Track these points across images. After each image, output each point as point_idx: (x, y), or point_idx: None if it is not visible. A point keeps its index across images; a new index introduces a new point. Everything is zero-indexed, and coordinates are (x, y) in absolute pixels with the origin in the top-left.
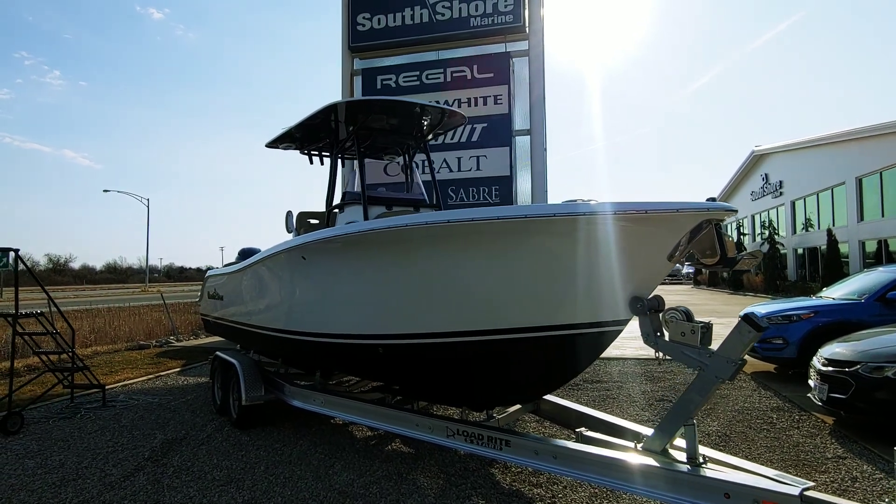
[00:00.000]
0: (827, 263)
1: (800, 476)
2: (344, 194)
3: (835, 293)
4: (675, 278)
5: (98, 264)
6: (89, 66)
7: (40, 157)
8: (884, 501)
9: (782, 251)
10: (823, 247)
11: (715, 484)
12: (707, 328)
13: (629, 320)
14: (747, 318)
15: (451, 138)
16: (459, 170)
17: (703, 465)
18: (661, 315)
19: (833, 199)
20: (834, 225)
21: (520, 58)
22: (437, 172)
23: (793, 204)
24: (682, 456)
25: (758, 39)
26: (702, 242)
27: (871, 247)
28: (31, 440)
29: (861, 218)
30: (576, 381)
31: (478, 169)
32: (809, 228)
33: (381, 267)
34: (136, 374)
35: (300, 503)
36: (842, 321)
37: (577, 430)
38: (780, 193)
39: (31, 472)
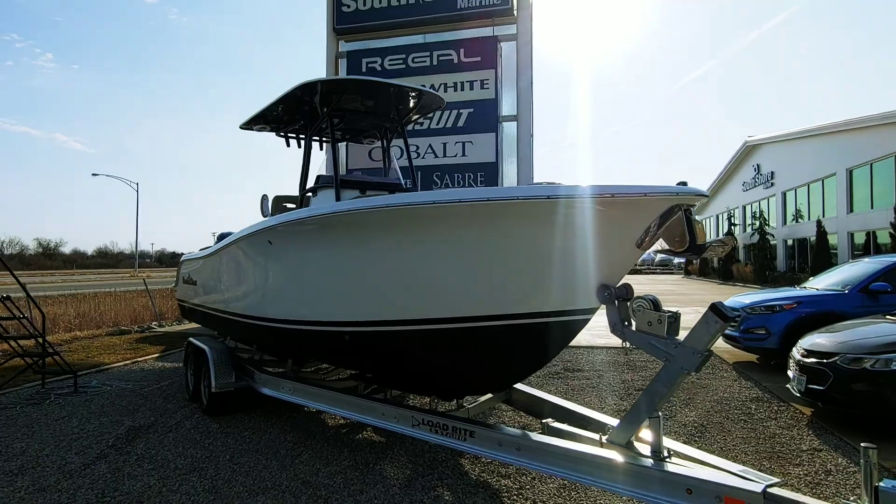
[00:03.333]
0: (816, 254)
1: (774, 469)
2: (318, 178)
3: (819, 284)
4: (666, 268)
5: (90, 249)
6: (82, 50)
7: (31, 141)
8: (849, 501)
9: (772, 242)
10: (813, 238)
11: (677, 479)
12: (674, 318)
13: (597, 309)
14: (714, 308)
15: (437, 123)
16: (445, 155)
17: (667, 460)
18: (628, 304)
19: (823, 191)
20: (824, 216)
21: (508, 42)
22: (422, 158)
23: (784, 195)
24: (647, 449)
25: (753, 32)
26: (672, 229)
27: (860, 238)
28: None
29: (851, 209)
30: (556, 369)
31: (463, 155)
32: (800, 219)
33: (343, 252)
34: (113, 359)
35: (261, 492)
36: (825, 312)
37: (544, 420)
38: (772, 184)
39: None
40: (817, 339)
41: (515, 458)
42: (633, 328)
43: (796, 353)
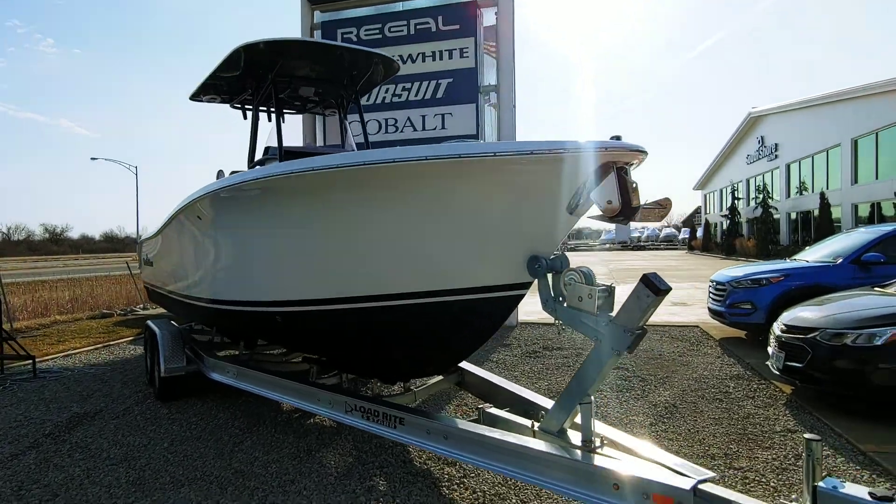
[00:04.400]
0: (818, 228)
1: (742, 452)
2: (266, 149)
3: (810, 256)
4: (670, 244)
5: (97, 234)
6: (83, 34)
7: (36, 127)
8: (790, 500)
9: (775, 216)
10: (816, 211)
11: (604, 474)
12: (608, 292)
13: (531, 283)
14: (645, 280)
15: (416, 95)
16: (424, 128)
17: (598, 451)
18: (561, 277)
19: (828, 162)
20: (828, 188)
21: (488, 7)
22: (401, 131)
23: (787, 167)
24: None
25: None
26: (605, 191)
27: (864, 210)
28: None
29: (855, 180)
30: (534, 348)
31: (443, 127)
32: (804, 192)
33: (263, 229)
34: (84, 343)
35: (187, 483)
36: (814, 285)
37: (480, 406)
38: (776, 156)
39: None
40: (800, 314)
41: (443, 448)
42: (566, 304)
43: (776, 328)
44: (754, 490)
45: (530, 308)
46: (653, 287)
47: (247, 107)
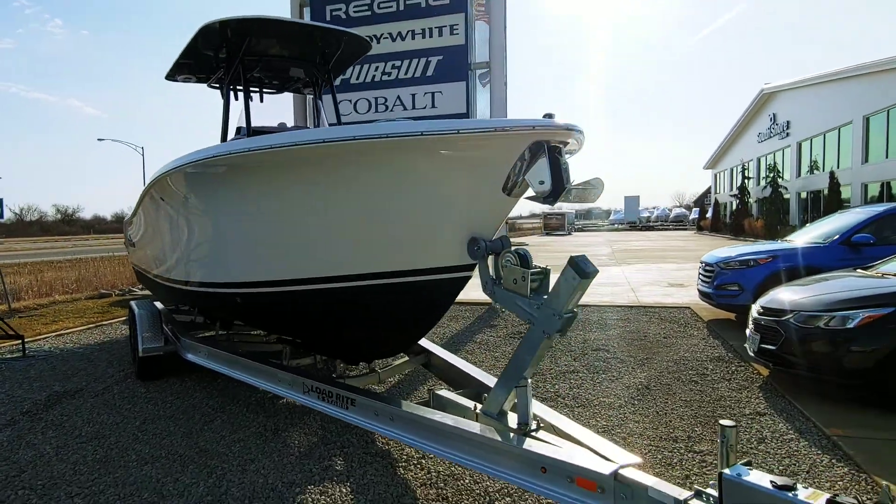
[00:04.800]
0: (827, 207)
1: (705, 435)
2: (237, 129)
3: (802, 237)
4: (680, 224)
5: (109, 214)
6: (90, 15)
7: (46, 107)
8: (706, 487)
9: (785, 196)
10: (827, 191)
11: (533, 456)
12: (542, 274)
13: (474, 265)
14: (572, 262)
15: (406, 73)
16: (414, 107)
17: (532, 434)
18: (499, 259)
19: (839, 140)
20: (838, 167)
21: None
22: (391, 110)
23: (799, 145)
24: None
25: None
26: (537, 171)
27: (874, 190)
28: None
29: (866, 159)
30: (520, 329)
31: (433, 106)
32: (815, 171)
33: (216, 208)
34: (77, 323)
35: (151, 462)
36: (802, 266)
37: (430, 388)
38: (787, 134)
39: None
40: (776, 295)
41: (389, 429)
42: (504, 287)
43: (753, 309)
44: (709, 474)
45: None
46: (579, 270)
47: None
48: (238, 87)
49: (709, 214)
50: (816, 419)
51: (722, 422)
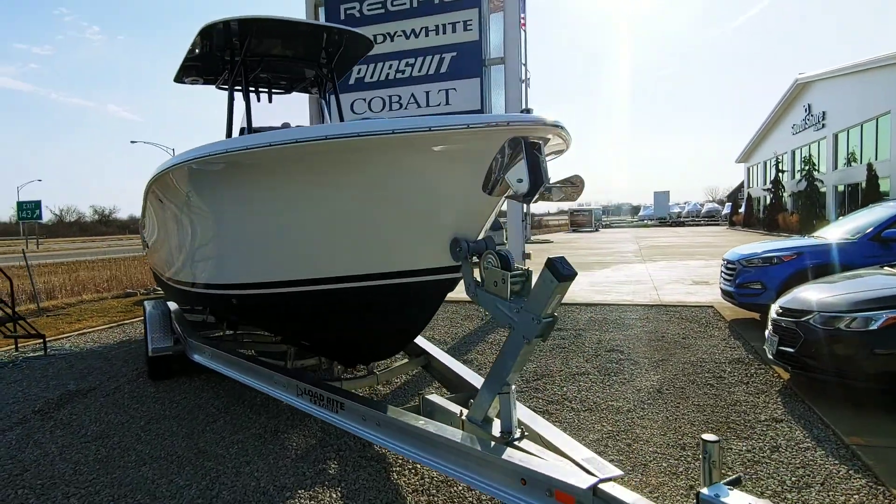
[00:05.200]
0: (865, 201)
1: (722, 441)
2: (241, 130)
3: (830, 232)
4: (712, 219)
5: None
6: (127, 20)
7: (84, 111)
8: None
9: (821, 189)
10: (864, 183)
11: (512, 467)
12: (523, 277)
13: (459, 267)
14: (548, 265)
15: (419, 70)
16: (428, 105)
17: (515, 442)
18: (481, 261)
19: (877, 131)
20: (877, 159)
21: None
22: (405, 108)
23: (835, 137)
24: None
25: None
26: (516, 169)
27: None
28: None
29: None
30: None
31: (447, 103)
32: (852, 163)
33: (214, 209)
34: (100, 322)
35: (149, 462)
36: (828, 264)
37: (420, 393)
38: (823, 125)
39: None
40: (797, 295)
41: (375, 434)
42: (485, 289)
43: (773, 310)
44: None
45: None
46: (556, 272)
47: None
48: (256, 89)
49: (741, 209)
50: (836, 427)
51: (704, 436)
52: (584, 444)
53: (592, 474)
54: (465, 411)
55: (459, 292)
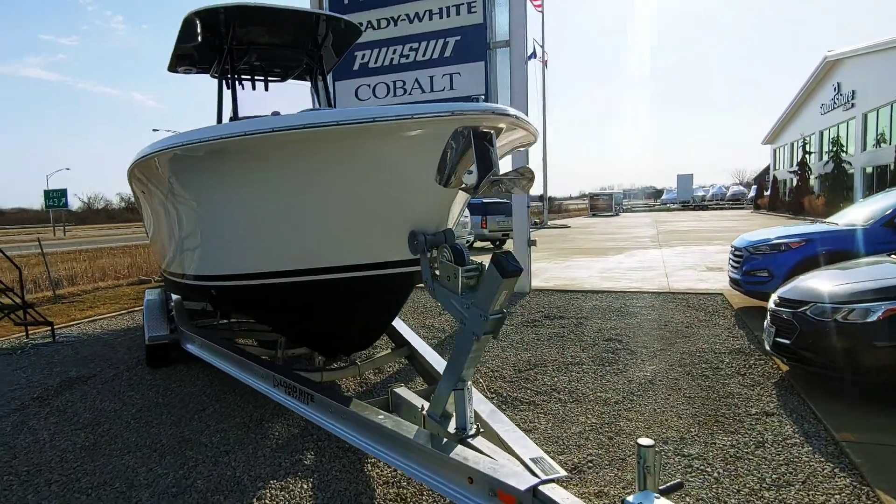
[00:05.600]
0: (893, 183)
1: (700, 437)
2: (230, 119)
3: (844, 218)
4: (737, 203)
5: None
6: (150, 10)
7: (110, 100)
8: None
9: (849, 171)
10: (894, 165)
11: (459, 465)
12: (476, 272)
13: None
14: (493, 260)
15: (423, 55)
16: (432, 90)
17: (469, 439)
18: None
19: None
20: None
21: None
22: (409, 94)
23: (864, 117)
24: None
25: None
26: (466, 159)
27: None
28: None
29: None
30: (535, 317)
31: (451, 88)
32: (882, 144)
33: (186, 199)
34: (111, 309)
35: (133, 451)
36: (838, 251)
37: (390, 386)
38: (852, 105)
39: None
40: (797, 284)
41: (339, 428)
42: (440, 284)
43: (771, 300)
44: (690, 482)
45: (555, 273)
46: (501, 269)
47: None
48: (251, 77)
49: (767, 192)
50: (829, 422)
51: (639, 440)
52: (565, 436)
53: (535, 475)
54: (426, 405)
55: None
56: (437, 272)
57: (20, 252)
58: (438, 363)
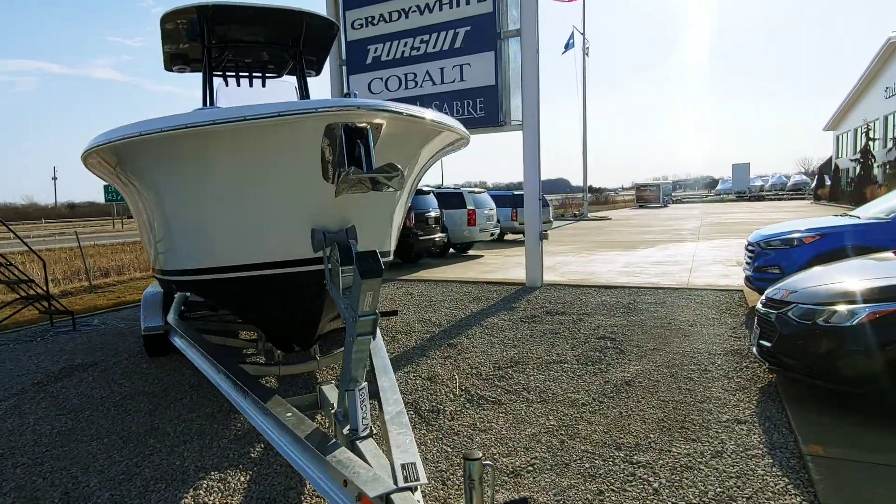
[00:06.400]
0: None
1: (658, 443)
2: None
3: (868, 211)
4: (797, 192)
5: None
6: None
7: (175, 98)
8: None
9: None
10: None
11: (335, 467)
12: (353, 272)
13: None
14: (356, 260)
15: (434, 46)
16: (443, 82)
17: (358, 441)
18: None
19: None
20: None
21: None
22: (420, 86)
23: None
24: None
25: None
26: (340, 156)
27: None
28: None
29: None
30: (536, 312)
31: (462, 80)
32: None
33: (140, 191)
34: (137, 298)
35: (103, 436)
36: (853, 247)
37: (319, 382)
38: None
39: None
40: (787, 282)
41: (260, 423)
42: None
43: (760, 299)
44: (629, 491)
45: (575, 267)
46: (359, 269)
47: (240, 74)
48: (226, 73)
49: (828, 182)
50: (801, 433)
51: (466, 454)
52: (517, 438)
53: (396, 481)
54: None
55: (471, 273)
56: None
57: (72, 245)
58: (378, 361)
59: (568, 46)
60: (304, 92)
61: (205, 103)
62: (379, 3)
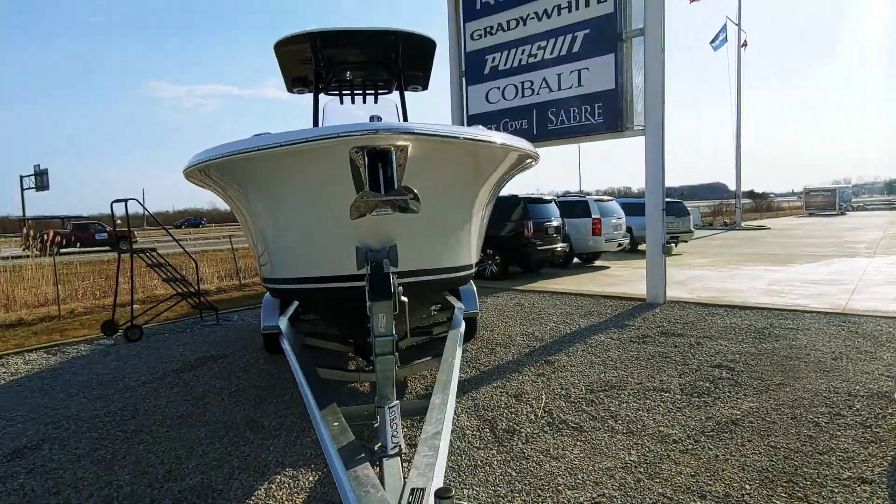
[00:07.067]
0: None
1: (753, 498)
2: None
3: None
4: (890, 204)
5: None
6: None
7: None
8: None
9: None
10: None
11: (350, 483)
12: None
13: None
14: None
15: (551, 53)
16: (560, 88)
17: (385, 458)
18: None
19: None
20: None
21: None
22: (537, 94)
23: None
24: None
25: None
26: (367, 178)
27: None
28: (136, 347)
29: None
30: (650, 332)
31: (579, 85)
32: None
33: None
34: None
35: (213, 423)
36: None
37: None
38: None
39: (95, 370)
40: None
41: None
42: None
43: None
44: None
45: (711, 283)
46: (367, 290)
47: (344, 93)
48: (341, 93)
49: None
50: None
51: (438, 490)
52: (589, 470)
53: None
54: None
55: (590, 285)
56: None
57: (224, 247)
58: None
59: (719, 41)
60: (403, 107)
61: (315, 122)
62: (498, 12)
